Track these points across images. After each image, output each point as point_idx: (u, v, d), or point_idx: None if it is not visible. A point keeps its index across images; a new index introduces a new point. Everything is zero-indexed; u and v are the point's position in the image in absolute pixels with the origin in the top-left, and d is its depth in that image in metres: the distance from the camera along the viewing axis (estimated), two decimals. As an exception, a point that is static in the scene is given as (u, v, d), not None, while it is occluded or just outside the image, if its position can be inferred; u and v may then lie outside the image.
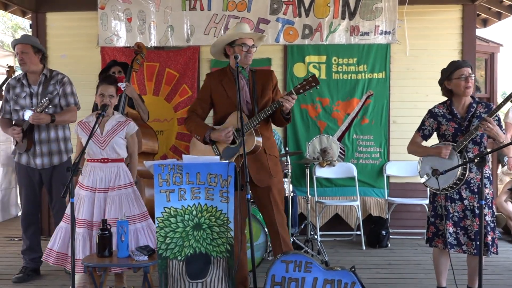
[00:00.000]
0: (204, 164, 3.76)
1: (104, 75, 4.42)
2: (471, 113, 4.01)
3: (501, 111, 4.03)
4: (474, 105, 4.04)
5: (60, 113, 4.90)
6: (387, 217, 6.45)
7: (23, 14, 7.66)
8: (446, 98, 4.17)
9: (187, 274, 3.73)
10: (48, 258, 4.15)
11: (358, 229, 6.34)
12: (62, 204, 4.93)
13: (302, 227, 6.02)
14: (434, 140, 4.24)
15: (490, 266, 5.21)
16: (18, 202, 8.20)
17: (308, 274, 3.54)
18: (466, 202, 4.01)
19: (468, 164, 3.89)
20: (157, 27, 6.55)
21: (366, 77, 6.53)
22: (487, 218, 3.96)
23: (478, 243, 3.87)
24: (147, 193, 5.14)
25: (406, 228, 6.56)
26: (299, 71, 6.56)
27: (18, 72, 5.39)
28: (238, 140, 4.05)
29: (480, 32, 7.83)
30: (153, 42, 6.57)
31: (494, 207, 4.15)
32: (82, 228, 4.09)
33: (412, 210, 6.57)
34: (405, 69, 6.55)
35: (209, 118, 4.51)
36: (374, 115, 6.54)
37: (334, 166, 6.52)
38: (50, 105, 4.75)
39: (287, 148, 5.93)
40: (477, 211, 3.96)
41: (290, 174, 5.60)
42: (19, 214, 8.05)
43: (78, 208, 4.16)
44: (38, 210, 5.15)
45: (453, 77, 4.03)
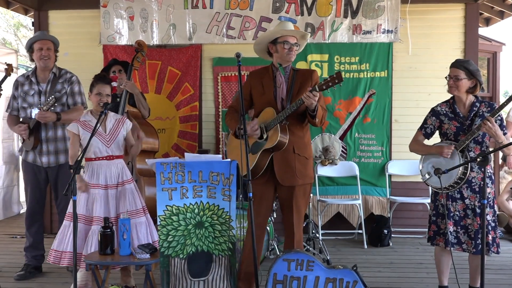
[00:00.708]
0: (206, 162, 3.76)
1: (98, 75, 4.44)
2: (474, 112, 4.01)
3: (503, 111, 4.03)
4: (477, 104, 4.03)
5: (66, 111, 4.91)
6: (389, 216, 6.45)
7: (26, 12, 7.66)
8: (449, 97, 4.17)
9: (189, 272, 3.74)
10: (62, 260, 4.15)
11: (360, 227, 6.34)
12: (67, 202, 4.94)
13: (304, 225, 6.00)
14: (436, 139, 4.24)
15: (492, 265, 5.21)
16: (21, 200, 8.22)
17: (310, 273, 3.55)
18: (467, 201, 4.01)
19: (469, 163, 3.89)
20: (159, 25, 6.55)
21: (368, 75, 6.52)
22: (488, 218, 3.96)
23: (479, 242, 3.88)
24: (147, 191, 5.14)
25: (408, 227, 6.55)
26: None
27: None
28: (265, 136, 4.06)
29: (482, 31, 7.82)
30: (155, 40, 6.58)
31: (495, 206, 4.15)
32: (98, 225, 4.10)
33: (414, 209, 6.57)
34: (407, 67, 6.55)
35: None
36: (376, 113, 6.53)
37: (336, 164, 6.52)
38: (57, 103, 4.79)
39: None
40: (478, 210, 3.96)
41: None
42: (21, 212, 8.08)
43: (91, 206, 4.20)
44: (43, 208, 5.17)
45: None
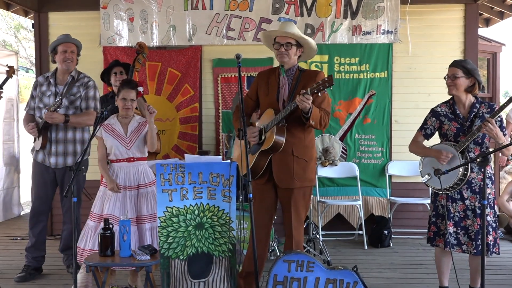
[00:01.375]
0: (206, 163, 3.77)
1: (124, 80, 4.52)
2: (474, 113, 4.01)
3: (503, 111, 4.03)
4: (477, 105, 4.03)
5: (76, 114, 4.92)
6: (389, 216, 6.45)
7: (26, 14, 7.67)
8: (449, 97, 4.18)
9: (189, 274, 3.74)
10: (79, 257, 4.20)
11: (360, 228, 6.34)
12: (71, 203, 4.95)
13: (304, 226, 6.00)
14: (436, 139, 4.23)
15: (493, 266, 5.21)
16: (21, 202, 8.22)
17: (310, 274, 3.55)
18: (467, 202, 4.01)
19: (469, 164, 3.89)
20: (159, 27, 6.56)
21: (368, 76, 6.52)
22: (488, 218, 3.95)
23: (479, 243, 3.88)
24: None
25: (408, 227, 6.55)
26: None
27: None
28: (263, 137, 4.08)
29: (482, 31, 7.82)
30: (155, 42, 6.58)
31: (495, 207, 4.15)
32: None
33: (414, 210, 6.57)
34: (407, 68, 6.55)
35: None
36: (376, 114, 6.53)
37: (336, 165, 6.52)
38: (70, 106, 4.85)
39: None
40: (478, 211, 3.96)
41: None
42: (22, 214, 8.09)
43: (105, 205, 4.26)
44: (49, 208, 5.17)
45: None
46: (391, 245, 6.20)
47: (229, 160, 3.84)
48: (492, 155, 3.84)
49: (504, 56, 7.89)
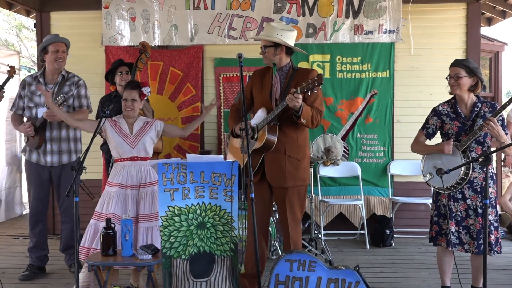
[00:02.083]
0: (208, 163, 3.77)
1: (129, 81, 4.54)
2: (476, 112, 4.00)
3: (504, 110, 4.02)
4: (479, 104, 4.03)
5: (73, 113, 4.96)
6: (391, 216, 6.45)
7: (27, 14, 7.67)
8: (451, 97, 4.17)
9: (191, 273, 3.74)
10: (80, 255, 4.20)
11: (362, 228, 6.34)
12: (70, 202, 4.98)
13: (306, 226, 6.02)
14: (437, 139, 4.23)
15: (495, 265, 5.20)
16: (23, 201, 8.23)
17: (312, 273, 3.55)
18: (469, 202, 4.00)
19: (471, 163, 3.89)
20: (161, 26, 6.56)
21: (370, 76, 6.52)
22: (490, 218, 3.94)
23: (481, 242, 3.88)
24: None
25: (410, 227, 6.55)
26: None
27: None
28: (256, 135, 4.11)
29: (484, 31, 7.81)
30: (157, 41, 6.58)
31: (497, 206, 4.14)
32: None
33: (416, 209, 6.56)
34: (409, 68, 6.54)
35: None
36: (378, 114, 6.53)
37: (338, 165, 6.51)
38: (65, 103, 4.83)
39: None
40: (479, 211, 3.95)
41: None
42: (24, 213, 8.10)
43: (107, 204, 4.25)
44: (46, 208, 5.19)
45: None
46: (393, 244, 6.20)
47: (230, 160, 3.84)
48: (494, 154, 3.83)
49: (506, 55, 7.90)
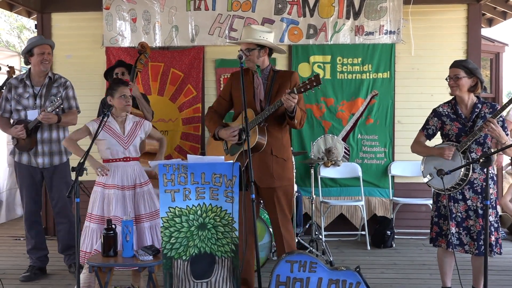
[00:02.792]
0: (209, 164, 3.77)
1: (115, 79, 4.49)
2: (476, 113, 4.00)
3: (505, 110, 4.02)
4: (479, 105, 4.03)
5: (65, 114, 4.99)
6: (392, 217, 6.44)
7: (29, 15, 7.69)
8: (451, 98, 4.17)
9: (192, 274, 3.74)
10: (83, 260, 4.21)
11: (363, 229, 6.34)
12: (63, 203, 5.00)
13: (307, 227, 6.01)
14: (438, 139, 4.23)
15: (495, 266, 5.19)
16: (24, 202, 8.24)
17: (313, 274, 3.55)
18: (469, 203, 4.00)
19: (471, 164, 3.89)
20: (161, 27, 6.57)
21: (371, 77, 6.52)
22: (490, 219, 3.94)
23: (482, 243, 3.88)
24: (151, 193, 5.15)
25: (411, 228, 6.55)
26: (304, 71, 6.55)
27: (23, 72, 5.42)
28: (243, 137, 4.11)
29: (485, 31, 7.82)
30: (158, 42, 6.59)
31: (498, 207, 4.14)
32: (116, 225, 4.09)
33: (417, 210, 6.56)
34: (410, 68, 6.54)
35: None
36: (379, 115, 6.53)
37: (338, 166, 6.51)
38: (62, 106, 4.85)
39: (291, 148, 5.92)
40: (480, 212, 3.95)
41: (294, 174, 5.59)
42: (24, 214, 8.09)
43: (108, 207, 4.24)
44: (40, 208, 5.21)
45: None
46: (394, 245, 6.20)
47: (231, 161, 3.85)
48: (495, 155, 3.83)
49: (507, 56, 7.90)
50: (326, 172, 6.51)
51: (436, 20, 6.53)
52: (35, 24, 7.09)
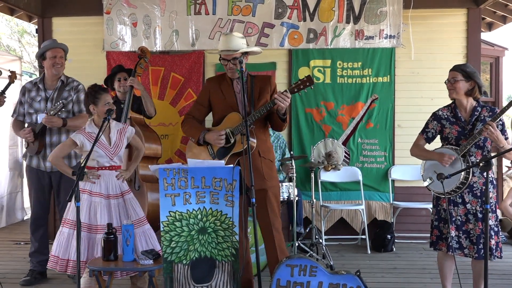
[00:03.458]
0: (209, 168, 3.77)
1: (95, 88, 4.30)
2: (475, 117, 4.01)
3: (505, 115, 4.02)
4: (479, 108, 4.04)
5: (72, 118, 4.98)
6: (392, 221, 6.44)
7: (29, 19, 7.71)
8: (451, 101, 4.18)
9: (192, 278, 3.74)
10: (68, 269, 4.16)
11: (363, 233, 6.34)
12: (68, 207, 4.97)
13: (307, 231, 6.01)
14: (437, 143, 4.24)
15: (496, 270, 5.19)
16: (24, 206, 8.23)
17: (313, 278, 3.54)
18: (468, 206, 4.01)
19: (471, 168, 3.89)
20: (162, 32, 6.58)
21: (371, 81, 6.53)
22: (490, 222, 3.94)
23: (481, 247, 3.88)
24: (150, 197, 5.15)
25: (412, 232, 6.55)
26: (304, 75, 6.52)
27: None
28: (232, 140, 4.13)
29: (485, 36, 7.83)
30: (158, 47, 6.61)
31: (497, 211, 4.14)
32: (102, 234, 4.07)
33: (417, 214, 6.56)
34: (410, 73, 6.55)
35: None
36: (379, 119, 6.54)
37: (339, 170, 6.52)
38: (64, 109, 4.85)
39: (291, 152, 5.93)
40: (479, 215, 3.96)
41: (295, 178, 5.60)
42: (25, 218, 8.10)
43: (94, 215, 4.19)
44: (47, 213, 5.20)
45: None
46: (394, 249, 6.20)
47: (231, 165, 3.85)
48: (494, 159, 3.84)
49: (507, 60, 7.91)
50: (327, 176, 6.52)
51: (436, 24, 6.54)
52: (36, 29, 7.11)
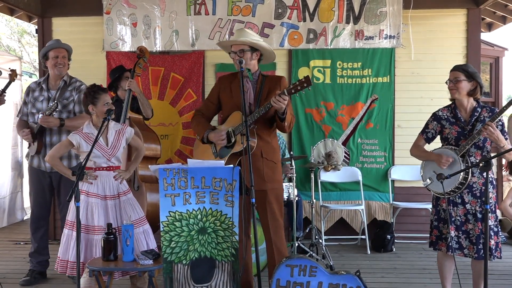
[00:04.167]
0: (209, 168, 3.77)
1: (94, 88, 4.28)
2: (475, 117, 4.01)
3: (505, 115, 4.03)
4: (479, 109, 4.04)
5: (71, 118, 4.97)
6: (392, 221, 6.44)
7: (29, 19, 7.71)
8: (451, 102, 4.18)
9: (192, 278, 3.74)
10: (68, 270, 4.17)
11: (363, 233, 6.34)
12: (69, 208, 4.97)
13: (307, 231, 6.01)
14: (437, 143, 4.24)
15: (495, 270, 5.20)
16: (24, 206, 8.24)
17: (313, 279, 3.54)
18: (468, 206, 4.01)
19: (470, 168, 3.90)
20: (162, 32, 6.58)
21: (371, 81, 6.53)
22: (490, 223, 3.93)
23: (481, 247, 3.88)
24: (150, 197, 5.16)
25: (411, 232, 6.55)
26: (304, 75, 6.54)
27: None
28: (233, 140, 4.12)
29: (485, 36, 7.83)
30: (158, 47, 6.61)
31: (497, 211, 4.14)
32: (99, 235, 4.07)
33: (417, 214, 6.56)
34: (409, 73, 6.56)
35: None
36: (379, 119, 6.54)
37: (339, 170, 6.52)
38: (63, 110, 4.87)
39: (291, 152, 5.93)
40: (479, 215, 3.96)
41: (294, 178, 5.60)
42: (25, 218, 8.10)
43: (91, 216, 4.18)
44: (48, 213, 5.20)
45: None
46: (394, 249, 6.20)
47: (231, 165, 3.85)
48: (494, 159, 3.84)
49: (506, 60, 7.91)
50: (326, 176, 6.52)
51: (436, 24, 6.55)
52: (36, 29, 7.11)
